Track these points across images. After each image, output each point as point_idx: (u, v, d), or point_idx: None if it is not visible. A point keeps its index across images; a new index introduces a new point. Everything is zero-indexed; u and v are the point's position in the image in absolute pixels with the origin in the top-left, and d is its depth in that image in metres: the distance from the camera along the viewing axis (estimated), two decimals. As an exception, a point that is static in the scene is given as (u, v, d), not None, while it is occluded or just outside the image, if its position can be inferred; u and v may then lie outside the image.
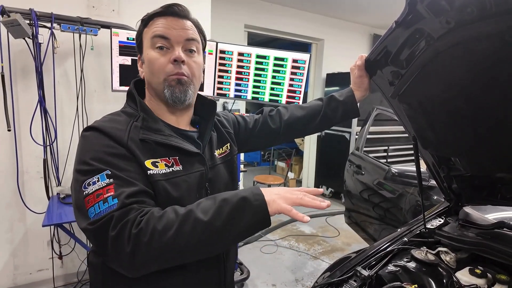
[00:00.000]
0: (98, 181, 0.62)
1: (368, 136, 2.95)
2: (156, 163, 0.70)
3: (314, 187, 4.98)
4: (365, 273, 0.89)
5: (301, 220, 0.59)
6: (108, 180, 0.62)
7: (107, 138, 0.67)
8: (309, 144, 5.12)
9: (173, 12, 0.76)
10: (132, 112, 0.76)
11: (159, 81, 0.75)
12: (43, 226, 1.73)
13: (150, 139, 0.71)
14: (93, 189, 0.62)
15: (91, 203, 0.61)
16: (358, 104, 1.08)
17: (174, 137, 0.75)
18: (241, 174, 3.23)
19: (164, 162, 0.71)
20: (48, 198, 2.16)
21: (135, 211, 0.60)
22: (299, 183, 5.49)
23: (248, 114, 1.10)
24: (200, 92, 0.87)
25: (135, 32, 0.83)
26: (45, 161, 2.13)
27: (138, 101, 0.77)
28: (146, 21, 0.78)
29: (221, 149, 0.90)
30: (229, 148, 0.93)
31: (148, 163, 0.69)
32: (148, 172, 0.68)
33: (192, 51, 0.77)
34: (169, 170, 0.71)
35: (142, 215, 0.60)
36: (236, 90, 2.42)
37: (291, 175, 5.46)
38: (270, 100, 2.43)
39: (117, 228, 0.58)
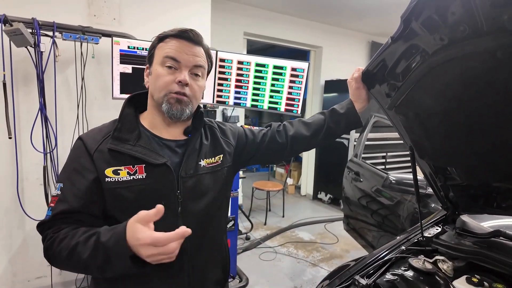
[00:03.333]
0: (56, 189, 0.78)
1: (367, 143, 2.97)
2: (119, 171, 0.78)
3: (313, 193, 5.02)
4: (363, 282, 0.90)
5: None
6: (58, 192, 0.77)
7: (82, 147, 0.80)
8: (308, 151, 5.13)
9: (187, 37, 0.83)
10: None
11: (160, 95, 0.82)
12: (43, 233, 1.73)
13: (115, 149, 0.79)
14: (52, 195, 0.79)
15: (49, 205, 0.78)
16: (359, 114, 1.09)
17: (142, 147, 0.80)
18: (240, 180, 3.24)
19: (127, 170, 0.78)
20: (48, 205, 2.16)
21: (56, 227, 0.75)
22: (298, 189, 5.50)
23: (256, 128, 1.11)
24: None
25: (136, 41, 0.88)
26: (45, 168, 2.14)
27: (120, 111, 0.85)
28: (162, 38, 0.85)
29: (212, 158, 0.91)
30: (221, 159, 0.94)
31: (109, 171, 0.77)
32: (106, 179, 0.77)
33: (197, 75, 0.86)
34: (129, 178, 0.78)
35: (54, 232, 0.74)
36: (235, 98, 2.44)
37: (290, 181, 5.47)
38: (269, 108, 2.46)
39: (43, 236, 0.76)
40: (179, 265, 0.83)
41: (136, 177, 0.78)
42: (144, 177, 0.78)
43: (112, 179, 0.77)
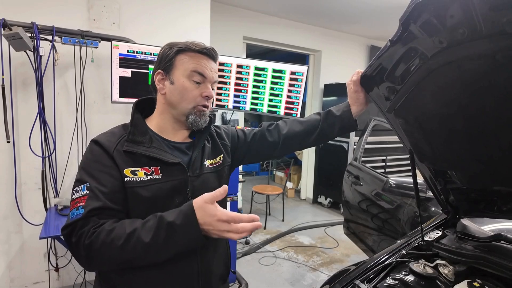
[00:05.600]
0: (80, 190, 0.78)
1: (366, 146, 2.97)
2: (136, 171, 0.82)
3: (313, 197, 5.00)
4: (364, 286, 0.89)
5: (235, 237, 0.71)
6: (85, 191, 0.77)
7: (100, 148, 0.82)
8: (308, 154, 5.13)
9: (211, 55, 0.91)
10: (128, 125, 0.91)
11: (188, 106, 0.89)
12: (40, 238, 1.71)
13: (132, 151, 0.83)
14: (76, 196, 0.78)
15: (71, 207, 0.78)
16: (355, 118, 1.09)
17: (157, 149, 0.85)
18: (240, 184, 3.23)
19: (144, 171, 0.83)
20: (46, 209, 2.16)
21: (93, 223, 0.74)
22: (297, 192, 5.48)
23: (249, 128, 1.15)
24: None
25: (136, 45, 0.88)
26: (43, 173, 2.13)
27: (131, 116, 0.89)
28: (183, 50, 0.88)
29: (213, 159, 0.98)
30: (221, 159, 1.01)
31: (127, 171, 0.81)
32: (125, 179, 0.80)
33: (213, 89, 0.93)
34: (147, 178, 0.82)
35: (96, 227, 0.73)
36: (235, 102, 2.45)
37: (289, 184, 5.46)
38: (269, 111, 2.45)
39: (77, 236, 0.73)
40: (189, 262, 0.87)
41: (152, 177, 0.83)
42: (160, 177, 0.83)
43: (131, 179, 0.81)
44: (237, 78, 2.40)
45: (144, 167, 0.83)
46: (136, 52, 2.12)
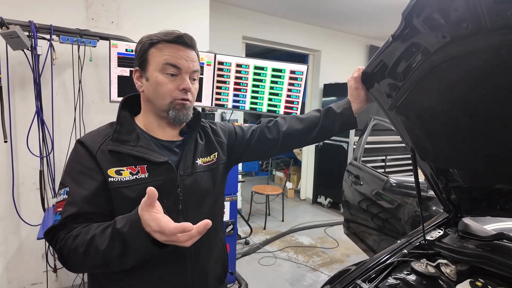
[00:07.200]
0: (61, 194, 0.78)
1: (366, 146, 2.96)
2: (121, 171, 0.79)
3: (313, 197, 4.99)
4: (365, 286, 0.88)
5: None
6: (65, 196, 0.77)
7: (83, 149, 0.80)
8: (307, 154, 5.12)
9: (184, 42, 0.84)
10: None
11: (164, 102, 0.83)
12: (38, 239, 1.70)
13: (116, 150, 0.80)
14: (57, 200, 0.78)
15: (54, 211, 0.78)
16: (355, 115, 1.08)
17: (143, 148, 0.82)
18: (239, 184, 3.21)
19: (129, 170, 0.80)
20: (44, 210, 2.14)
21: (67, 228, 0.74)
22: (297, 193, 5.47)
23: (247, 125, 1.11)
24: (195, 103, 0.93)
25: (134, 44, 0.85)
26: (41, 173, 2.12)
27: (117, 114, 0.87)
28: (155, 43, 0.83)
29: (207, 157, 0.94)
30: (216, 157, 0.96)
31: (111, 171, 0.78)
32: (109, 179, 0.78)
33: (194, 79, 0.87)
34: (132, 178, 0.79)
35: (66, 232, 0.73)
36: (234, 101, 2.43)
37: (289, 185, 5.45)
38: (268, 111, 2.44)
39: (54, 240, 0.75)
40: (182, 263, 0.85)
41: (138, 176, 0.80)
42: (146, 176, 0.80)
43: (115, 179, 0.78)
44: (236, 77, 2.38)
45: (129, 166, 0.80)
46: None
